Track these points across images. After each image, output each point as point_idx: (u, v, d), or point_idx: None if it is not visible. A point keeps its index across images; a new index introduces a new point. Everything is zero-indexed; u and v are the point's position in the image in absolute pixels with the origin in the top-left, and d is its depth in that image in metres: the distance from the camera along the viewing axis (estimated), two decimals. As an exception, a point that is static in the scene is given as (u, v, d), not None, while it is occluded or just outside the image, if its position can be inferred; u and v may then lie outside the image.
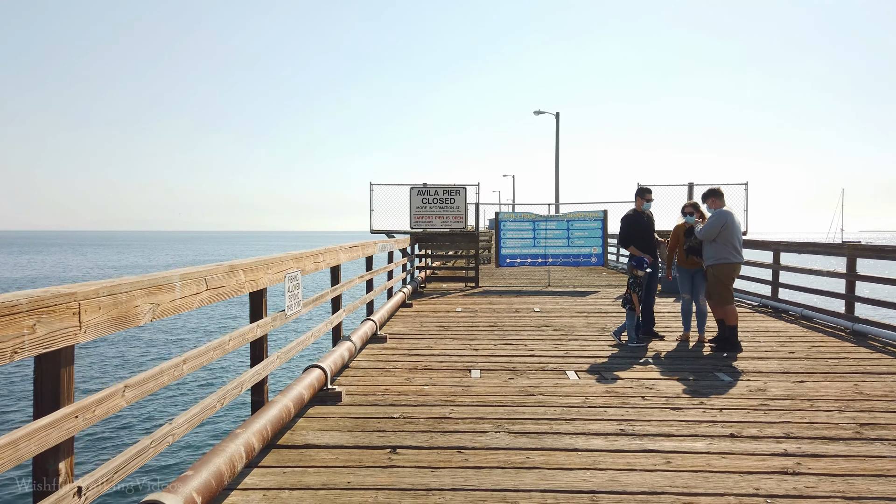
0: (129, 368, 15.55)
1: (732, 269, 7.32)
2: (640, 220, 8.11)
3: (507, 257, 14.97)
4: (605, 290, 14.40)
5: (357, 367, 6.38)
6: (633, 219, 8.15)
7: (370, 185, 14.91)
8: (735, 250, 7.29)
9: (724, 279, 7.36)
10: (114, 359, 16.51)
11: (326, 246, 6.26)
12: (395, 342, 7.82)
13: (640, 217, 8.16)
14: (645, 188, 8.20)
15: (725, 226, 7.31)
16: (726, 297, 7.38)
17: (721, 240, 7.34)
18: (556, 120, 32.92)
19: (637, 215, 8.18)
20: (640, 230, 8.08)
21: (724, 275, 7.35)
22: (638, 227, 8.07)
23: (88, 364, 15.73)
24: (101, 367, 15.54)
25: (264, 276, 4.23)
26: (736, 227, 7.31)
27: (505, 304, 11.76)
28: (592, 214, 14.87)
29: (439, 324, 9.29)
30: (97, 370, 15.17)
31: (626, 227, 8.16)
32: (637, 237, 8.08)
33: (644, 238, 8.10)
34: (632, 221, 8.14)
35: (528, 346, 7.61)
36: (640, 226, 8.05)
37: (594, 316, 10.12)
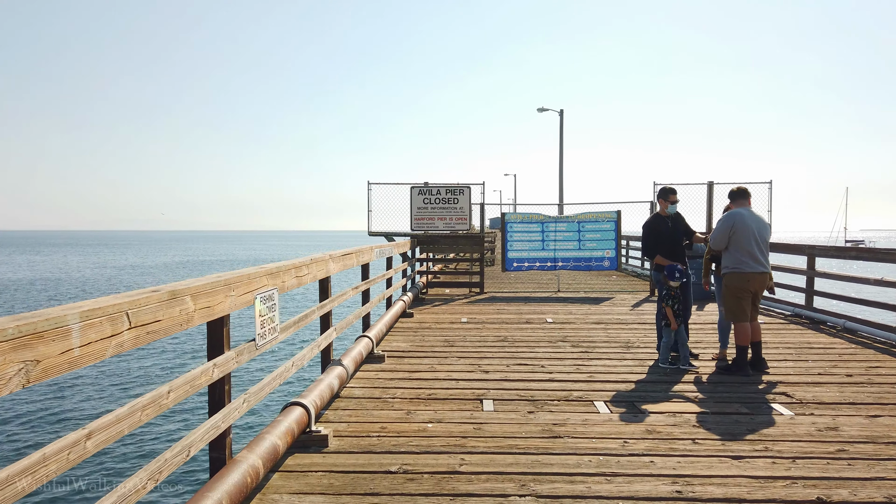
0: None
1: (744, 280, 6.36)
2: (664, 225, 7.08)
3: (513, 261, 14.03)
4: (619, 296, 13.47)
5: (349, 397, 5.46)
6: (654, 224, 7.14)
7: (368, 184, 13.98)
8: (750, 257, 6.34)
9: (734, 290, 6.43)
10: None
11: (312, 255, 5.32)
12: (394, 362, 6.90)
13: (664, 221, 7.11)
14: (668, 188, 7.15)
15: (734, 229, 6.39)
16: (735, 312, 6.45)
17: (733, 246, 6.42)
18: (560, 117, 32.08)
19: (659, 220, 7.15)
20: (665, 236, 7.07)
21: (733, 286, 6.42)
22: (662, 233, 7.07)
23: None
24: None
25: (224, 301, 3.30)
26: (750, 230, 6.33)
27: (514, 313, 10.83)
28: (605, 215, 13.94)
29: (443, 338, 8.37)
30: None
31: (648, 234, 7.17)
32: (662, 244, 7.10)
33: (671, 244, 7.08)
34: (654, 227, 7.13)
35: (545, 366, 6.68)
36: (664, 231, 7.05)
37: (613, 328, 9.19)
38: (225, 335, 3.39)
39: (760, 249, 6.37)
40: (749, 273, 6.36)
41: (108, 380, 14.39)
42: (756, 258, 6.35)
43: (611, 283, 16.49)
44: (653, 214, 7.35)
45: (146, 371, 15.42)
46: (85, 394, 13.18)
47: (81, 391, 13.34)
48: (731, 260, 6.51)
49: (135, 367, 15.71)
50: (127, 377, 14.72)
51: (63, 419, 11.39)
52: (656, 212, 7.25)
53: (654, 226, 7.15)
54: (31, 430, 10.81)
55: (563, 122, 31.89)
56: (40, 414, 11.70)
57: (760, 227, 6.40)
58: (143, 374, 15.18)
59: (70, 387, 13.63)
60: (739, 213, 6.45)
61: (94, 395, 13.16)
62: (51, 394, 12.98)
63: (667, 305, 6.56)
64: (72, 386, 13.69)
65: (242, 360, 3.55)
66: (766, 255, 6.45)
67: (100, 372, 14.97)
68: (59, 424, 11.08)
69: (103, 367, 15.46)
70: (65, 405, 12.30)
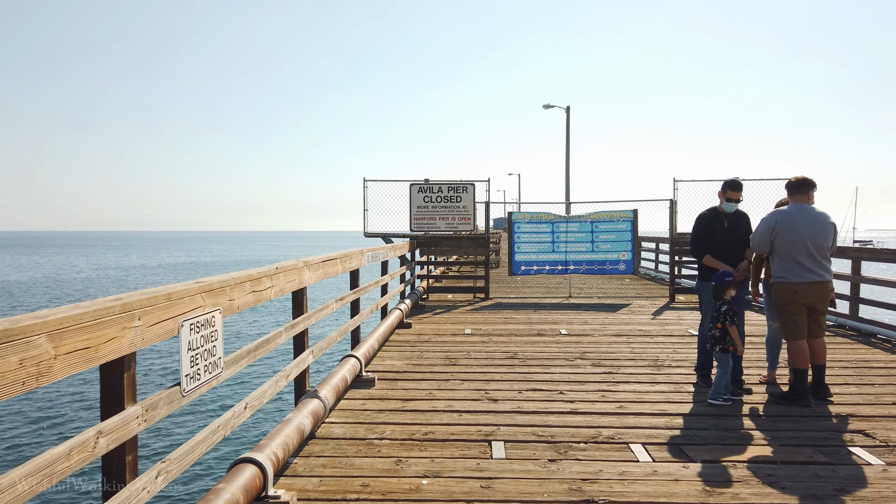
0: None
1: (792, 291, 5.31)
2: (719, 223, 5.86)
3: (521, 264, 12.98)
4: (636, 302, 12.41)
5: (327, 438, 4.42)
6: (710, 218, 5.92)
7: (363, 180, 12.95)
8: (797, 264, 5.28)
9: (782, 303, 5.39)
10: None
11: (281, 262, 4.28)
12: (386, 387, 5.86)
13: (719, 218, 5.87)
14: (730, 180, 5.86)
15: (777, 231, 5.34)
16: (787, 329, 5.41)
17: (778, 251, 5.38)
18: (567, 114, 31.08)
19: (716, 215, 5.90)
20: (719, 236, 5.85)
21: (781, 297, 5.39)
22: (716, 232, 5.86)
23: None
24: None
25: (121, 336, 2.27)
26: (799, 232, 5.26)
27: (523, 322, 9.79)
28: (620, 215, 12.88)
29: (444, 354, 7.33)
30: None
31: (700, 228, 5.97)
32: (715, 245, 5.86)
33: (725, 247, 5.84)
34: (708, 222, 5.92)
35: (565, 393, 5.63)
36: (717, 230, 5.87)
37: (637, 340, 8.13)
38: (126, 384, 2.36)
39: (814, 255, 5.30)
40: (798, 283, 5.31)
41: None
42: (806, 265, 5.30)
43: (625, 287, 15.43)
44: (709, 207, 6.08)
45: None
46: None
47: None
48: (777, 267, 5.47)
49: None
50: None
51: None
52: (714, 205, 6.05)
53: (709, 220, 5.90)
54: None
55: (569, 119, 30.87)
56: None
57: (816, 229, 5.31)
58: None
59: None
60: (784, 213, 5.40)
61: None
62: None
63: (729, 323, 5.40)
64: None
65: (158, 415, 2.52)
66: (825, 262, 5.37)
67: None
68: None
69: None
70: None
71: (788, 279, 5.33)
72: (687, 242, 12.71)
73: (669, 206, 12.68)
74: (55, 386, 13.12)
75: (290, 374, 4.28)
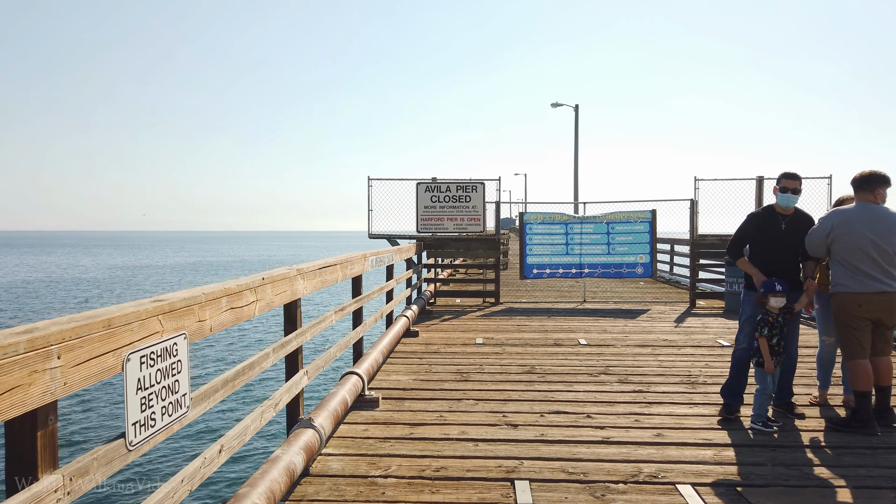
0: None
1: (854, 304, 4.67)
2: (774, 224, 4.98)
3: (533, 267, 12.34)
4: (655, 307, 11.75)
5: (322, 476, 3.80)
6: (760, 219, 5.05)
7: (368, 179, 12.34)
8: (860, 272, 4.64)
9: (842, 316, 4.74)
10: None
11: (265, 272, 3.65)
12: (391, 407, 5.24)
13: (775, 219, 4.98)
14: (788, 173, 4.94)
15: (833, 234, 4.70)
16: (848, 345, 4.76)
17: (836, 256, 4.75)
18: (576, 112, 30.54)
19: (771, 215, 5.02)
20: (771, 239, 4.99)
21: (841, 310, 4.74)
22: (767, 234, 5.01)
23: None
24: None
25: (30, 384, 1.66)
26: (862, 235, 4.62)
27: (537, 330, 9.15)
28: (638, 215, 12.22)
29: (455, 368, 6.70)
30: None
31: (741, 227, 5.17)
32: (765, 249, 5.03)
33: (778, 253, 4.99)
34: (756, 223, 5.05)
35: (592, 416, 5.00)
36: (770, 232, 5.00)
37: (664, 352, 7.48)
38: (41, 446, 1.74)
39: (879, 261, 4.64)
40: (863, 294, 4.65)
41: None
42: (870, 273, 4.64)
43: (641, 291, 14.77)
44: (765, 206, 5.24)
45: None
46: None
47: None
48: (837, 274, 4.82)
49: None
50: None
51: None
52: (770, 204, 5.19)
53: (759, 221, 5.05)
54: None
55: (578, 118, 30.40)
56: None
57: (880, 231, 4.64)
58: None
59: None
60: (844, 213, 4.75)
61: None
62: None
63: (761, 336, 4.79)
64: None
65: (89, 482, 1.90)
66: (892, 269, 4.71)
67: None
68: None
69: None
70: None
71: (851, 289, 4.68)
72: (708, 245, 12.05)
73: (690, 207, 12.01)
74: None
75: (278, 403, 3.65)
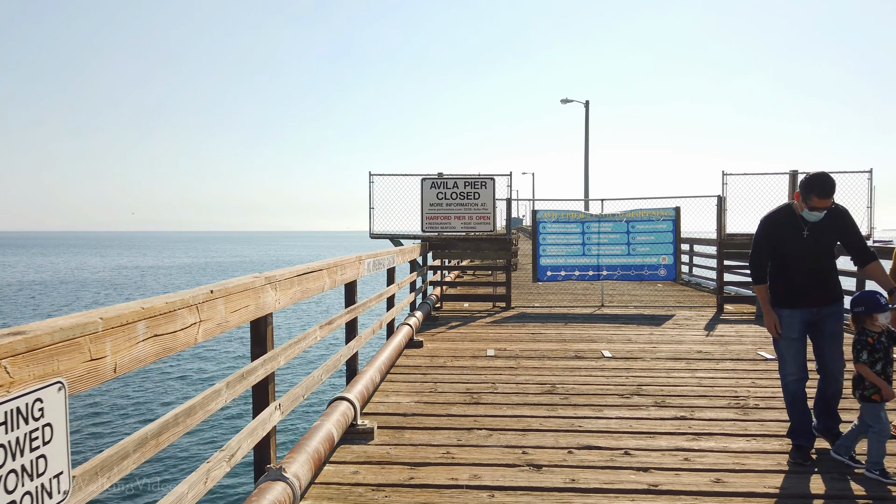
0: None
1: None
2: (793, 228, 3.98)
3: (547, 269, 11.46)
4: (680, 312, 10.84)
5: (295, 544, 2.95)
6: (774, 223, 4.06)
7: (369, 174, 11.50)
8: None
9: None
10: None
11: (215, 284, 2.80)
12: (389, 439, 4.38)
13: (793, 223, 3.98)
14: (820, 179, 3.77)
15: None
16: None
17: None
18: (586, 109, 29.74)
19: (787, 217, 4.03)
20: (790, 246, 3.99)
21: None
22: (786, 241, 4.00)
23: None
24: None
25: None
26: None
27: (554, 339, 8.27)
28: (660, 213, 11.32)
29: (464, 387, 5.83)
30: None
31: (756, 239, 4.15)
32: (783, 261, 4.05)
33: (798, 262, 4.00)
34: (770, 228, 4.07)
35: (632, 454, 4.12)
36: (789, 238, 3.99)
37: (700, 367, 6.58)
38: None
39: None
40: None
41: None
42: None
43: (662, 294, 13.84)
44: (781, 206, 4.18)
45: None
46: None
47: None
48: None
49: None
50: None
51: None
52: (786, 203, 4.19)
53: (774, 225, 4.05)
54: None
55: (588, 114, 29.62)
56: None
57: None
58: None
59: None
60: None
61: None
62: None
63: (858, 362, 3.83)
64: None
65: None
66: None
67: None
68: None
69: None
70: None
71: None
72: (737, 244, 11.15)
73: (717, 204, 11.10)
74: None
75: (235, 453, 2.79)
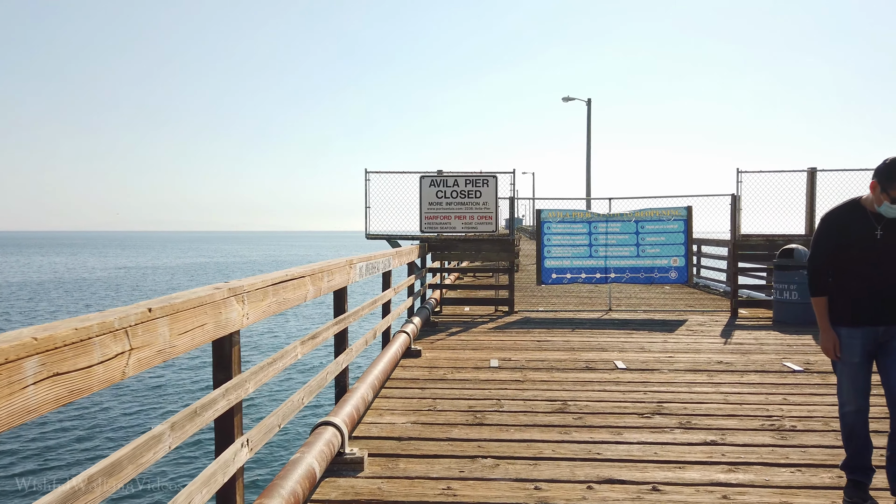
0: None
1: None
2: (864, 229, 3.33)
3: (552, 271, 10.91)
4: (691, 317, 10.30)
5: None
6: (836, 222, 3.42)
7: (365, 172, 10.93)
8: None
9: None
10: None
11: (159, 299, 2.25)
12: (381, 471, 3.82)
13: (864, 220, 3.33)
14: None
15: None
16: None
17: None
18: (588, 107, 29.30)
19: (855, 213, 3.37)
20: (861, 250, 3.33)
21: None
22: (855, 244, 3.34)
23: None
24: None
25: None
26: None
27: (562, 347, 7.73)
28: (670, 213, 10.77)
29: (466, 403, 5.28)
30: None
31: (815, 241, 3.51)
32: (852, 263, 3.37)
33: (870, 268, 3.31)
34: (830, 228, 3.43)
35: (661, 488, 3.56)
36: (860, 240, 3.32)
37: (724, 380, 6.02)
38: None
39: None
40: None
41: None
42: None
43: (671, 298, 13.29)
44: (847, 201, 3.49)
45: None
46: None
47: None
48: None
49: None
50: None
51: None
52: (853, 198, 3.50)
53: (837, 222, 3.40)
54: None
55: (590, 113, 29.21)
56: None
57: None
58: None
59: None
60: None
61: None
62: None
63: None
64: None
65: None
66: None
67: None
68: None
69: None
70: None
71: None
72: (752, 246, 10.61)
73: (731, 203, 10.56)
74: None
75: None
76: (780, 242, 10.45)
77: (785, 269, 9.64)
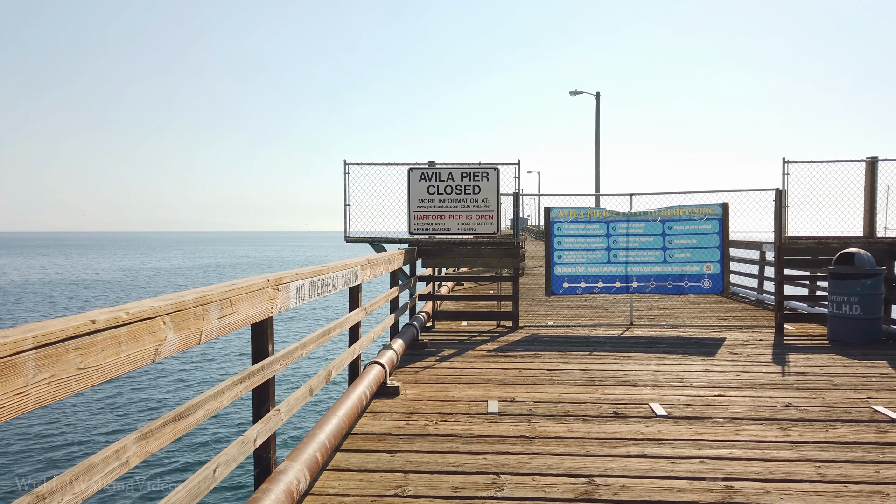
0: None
1: None
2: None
3: (564, 279, 9.30)
4: (728, 333, 8.69)
5: None
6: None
7: (344, 164, 9.34)
8: None
9: None
10: None
11: None
12: None
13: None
14: None
15: None
16: None
17: None
18: (597, 101, 27.92)
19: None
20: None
21: None
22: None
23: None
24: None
25: None
26: None
27: (580, 379, 6.12)
28: (703, 211, 9.13)
29: (450, 482, 3.68)
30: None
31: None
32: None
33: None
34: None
35: None
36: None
37: (804, 435, 4.41)
38: None
39: None
40: None
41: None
42: None
43: (700, 309, 11.64)
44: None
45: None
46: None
47: None
48: None
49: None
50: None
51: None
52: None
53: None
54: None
55: (599, 107, 27.90)
56: None
57: None
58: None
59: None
60: None
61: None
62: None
63: None
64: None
65: None
66: None
67: None
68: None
69: None
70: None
71: None
72: (801, 250, 9.00)
73: (776, 199, 8.92)
74: None
75: None
76: (834, 246, 8.83)
77: (844, 277, 8.04)
